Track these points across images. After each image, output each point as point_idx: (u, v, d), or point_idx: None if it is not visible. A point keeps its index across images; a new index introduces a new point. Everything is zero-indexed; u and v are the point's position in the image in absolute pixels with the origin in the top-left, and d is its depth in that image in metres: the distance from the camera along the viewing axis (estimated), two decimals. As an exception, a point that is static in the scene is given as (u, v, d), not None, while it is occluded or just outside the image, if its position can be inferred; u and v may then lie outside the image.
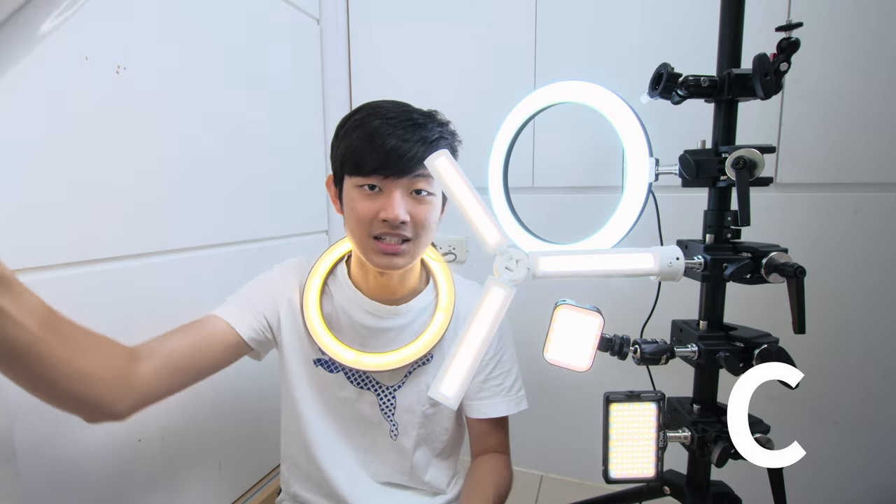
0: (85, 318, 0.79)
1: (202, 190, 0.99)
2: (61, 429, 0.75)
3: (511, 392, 0.84)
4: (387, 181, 0.69)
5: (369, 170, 0.68)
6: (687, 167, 0.61)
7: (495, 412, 0.82)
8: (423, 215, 0.72)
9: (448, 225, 0.82)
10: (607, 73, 1.16)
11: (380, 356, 0.78)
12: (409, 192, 0.71)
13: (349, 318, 0.80)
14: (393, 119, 0.69)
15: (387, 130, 0.68)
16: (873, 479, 1.07)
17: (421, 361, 0.81)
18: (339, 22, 1.40)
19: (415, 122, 0.70)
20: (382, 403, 0.81)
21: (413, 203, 0.71)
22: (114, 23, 0.80)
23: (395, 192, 0.69)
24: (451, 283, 0.84)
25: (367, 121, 0.70)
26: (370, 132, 0.68)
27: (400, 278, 0.79)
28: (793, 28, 0.55)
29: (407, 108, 0.73)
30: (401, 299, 0.81)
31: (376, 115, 0.70)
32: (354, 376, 0.81)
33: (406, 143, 0.68)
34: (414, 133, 0.69)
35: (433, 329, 0.80)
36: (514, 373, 0.85)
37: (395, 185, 0.69)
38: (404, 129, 0.68)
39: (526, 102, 0.71)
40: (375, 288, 0.80)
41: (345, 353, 0.77)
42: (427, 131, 0.70)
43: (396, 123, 0.69)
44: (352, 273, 0.82)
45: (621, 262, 0.61)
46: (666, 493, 0.72)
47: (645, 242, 0.63)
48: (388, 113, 0.70)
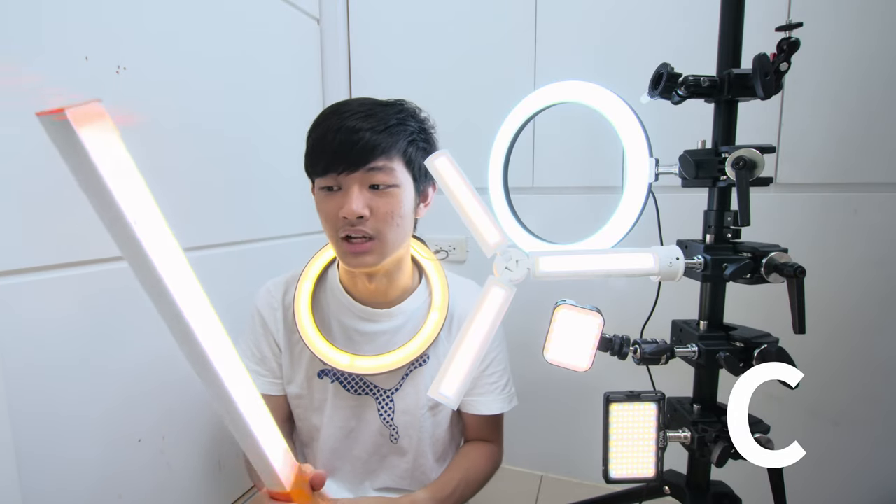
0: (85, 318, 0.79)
1: (202, 190, 0.99)
2: (61, 429, 0.75)
3: (505, 390, 0.84)
4: (342, 178, 0.68)
5: (322, 169, 0.68)
6: (687, 167, 0.61)
7: (488, 409, 0.82)
8: (385, 208, 0.69)
9: (448, 225, 0.82)
10: (607, 73, 1.16)
11: (375, 359, 0.77)
12: (366, 186, 0.69)
13: (341, 324, 0.80)
14: (346, 113, 0.68)
15: (335, 128, 0.66)
16: (873, 479, 1.07)
17: (417, 363, 0.80)
18: (339, 22, 1.40)
19: (367, 112, 0.68)
20: (381, 408, 0.81)
21: (372, 197, 0.69)
22: (114, 23, 0.80)
23: (352, 188, 0.68)
24: (444, 281, 0.82)
25: (324, 120, 0.69)
26: (324, 131, 0.67)
27: (389, 279, 0.78)
28: (793, 28, 0.55)
29: (367, 101, 0.71)
30: (393, 301, 0.80)
31: (334, 113, 0.69)
32: (352, 383, 0.80)
33: (355, 135, 0.66)
34: (366, 122, 0.66)
35: (427, 329, 0.78)
36: (507, 373, 0.86)
37: (351, 181, 0.68)
38: (355, 120, 0.66)
39: (526, 102, 0.71)
40: (365, 291, 0.78)
41: (339, 358, 0.77)
42: (375, 121, 0.68)
43: (348, 117, 0.67)
44: (341, 277, 0.81)
45: (621, 262, 0.61)
46: (666, 493, 0.72)
47: (645, 242, 0.62)
48: (343, 108, 0.69)
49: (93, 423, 0.80)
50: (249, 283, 0.89)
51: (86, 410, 0.79)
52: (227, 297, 0.83)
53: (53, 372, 0.74)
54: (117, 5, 0.80)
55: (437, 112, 0.78)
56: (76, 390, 0.77)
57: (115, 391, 0.83)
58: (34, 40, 0.69)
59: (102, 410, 0.81)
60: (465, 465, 0.82)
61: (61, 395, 0.75)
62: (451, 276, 0.86)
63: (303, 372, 0.81)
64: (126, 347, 0.84)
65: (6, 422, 0.67)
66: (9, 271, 0.68)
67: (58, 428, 0.75)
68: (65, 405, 0.76)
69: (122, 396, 0.84)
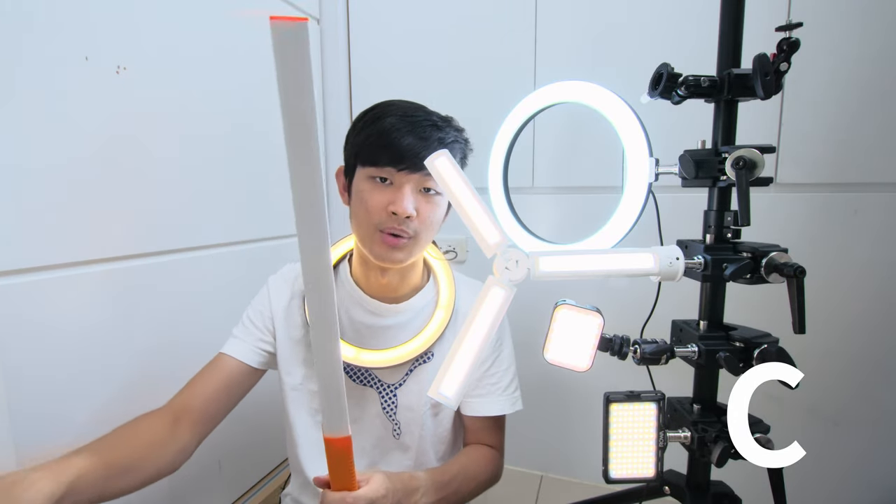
0: (86, 318, 0.79)
1: (202, 190, 0.99)
2: (61, 429, 0.75)
3: (507, 392, 0.83)
4: (399, 175, 0.70)
5: (384, 162, 0.70)
6: (687, 167, 0.61)
7: (489, 411, 0.82)
8: (429, 213, 0.73)
9: (448, 225, 0.82)
10: (607, 73, 1.16)
11: (380, 352, 0.78)
12: (418, 188, 0.72)
13: (349, 316, 0.81)
14: (412, 117, 0.71)
15: (406, 127, 0.69)
16: (873, 479, 1.07)
17: (422, 360, 0.81)
18: (339, 22, 1.40)
19: (433, 123, 0.72)
20: (384, 402, 0.81)
21: (421, 200, 0.72)
22: (114, 23, 0.80)
23: (406, 187, 0.70)
24: (451, 280, 0.84)
25: (386, 115, 0.71)
26: (389, 126, 0.70)
27: (401, 276, 0.79)
28: (793, 28, 0.55)
29: (426, 109, 0.75)
30: (402, 297, 0.81)
31: (396, 111, 0.72)
32: (356, 374, 0.81)
33: (422, 142, 0.69)
34: (431, 133, 0.70)
35: (433, 326, 0.80)
36: (511, 373, 0.85)
37: (407, 180, 0.70)
38: (423, 128, 0.70)
39: (526, 102, 0.71)
40: (377, 286, 0.80)
41: (346, 350, 0.78)
42: (443, 133, 0.72)
43: (415, 122, 0.70)
44: (353, 271, 0.82)
45: (621, 262, 0.61)
46: (666, 493, 0.72)
47: (645, 242, 0.62)
48: (408, 111, 0.72)
49: (93, 423, 0.80)
50: (247, 283, 0.89)
51: (86, 410, 0.79)
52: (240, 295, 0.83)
53: (53, 372, 0.74)
54: (117, 5, 0.80)
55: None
56: (76, 390, 0.77)
57: (114, 391, 0.83)
58: (34, 40, 0.69)
59: (102, 411, 0.81)
60: (464, 461, 0.82)
61: (61, 396, 0.75)
62: (459, 276, 0.87)
63: (299, 361, 0.81)
64: (126, 347, 0.84)
65: (6, 422, 0.67)
66: (9, 271, 0.68)
67: (58, 428, 0.75)
68: (65, 405, 0.76)
69: (122, 397, 0.84)
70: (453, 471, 0.79)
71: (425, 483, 0.73)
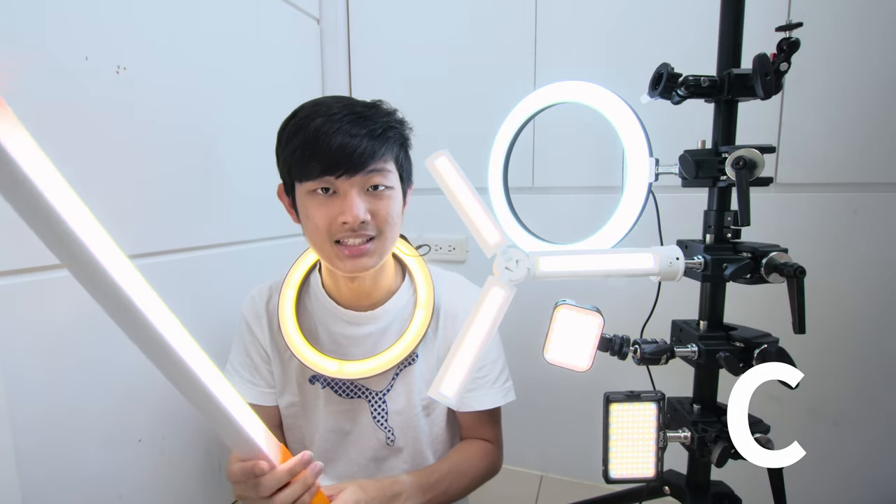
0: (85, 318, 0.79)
1: (201, 190, 0.99)
2: (61, 430, 0.75)
3: (497, 383, 0.81)
4: (339, 182, 0.66)
5: (318, 172, 0.65)
6: (687, 167, 0.61)
7: (481, 405, 0.80)
8: (385, 210, 0.69)
9: (448, 225, 0.82)
10: (607, 73, 1.16)
11: (363, 362, 0.76)
12: (365, 188, 0.68)
13: (326, 329, 0.79)
14: (335, 115, 0.66)
15: (331, 128, 0.65)
16: (873, 479, 1.07)
17: (406, 362, 0.79)
18: (339, 22, 1.40)
19: (359, 114, 0.67)
20: (374, 411, 0.80)
21: (371, 200, 0.68)
22: (114, 23, 0.80)
23: (352, 192, 0.66)
24: (428, 277, 0.81)
25: (308, 121, 0.66)
26: (314, 132, 0.65)
27: (373, 280, 0.77)
28: (793, 28, 0.55)
29: (348, 101, 0.70)
30: (377, 302, 0.79)
31: (317, 113, 0.67)
32: (343, 388, 0.79)
33: (354, 139, 0.64)
34: (360, 127, 0.66)
35: (414, 328, 0.77)
36: (500, 364, 0.83)
37: (350, 185, 0.66)
38: (349, 123, 0.65)
39: (526, 102, 0.71)
40: (349, 294, 0.77)
41: (328, 364, 0.76)
42: (372, 123, 0.67)
43: (340, 119, 0.65)
44: (324, 281, 0.79)
45: (621, 262, 0.61)
46: (666, 493, 0.72)
47: (645, 242, 0.62)
48: (330, 109, 0.67)
49: (93, 423, 0.80)
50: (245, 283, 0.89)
51: (86, 411, 0.79)
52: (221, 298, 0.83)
53: (53, 373, 0.74)
54: (117, 5, 0.80)
55: (437, 112, 0.78)
56: (76, 391, 0.77)
57: (115, 391, 0.83)
58: (34, 40, 0.69)
59: (102, 411, 0.81)
60: (456, 458, 0.81)
61: (61, 396, 0.75)
62: (436, 271, 0.84)
63: (294, 379, 0.80)
64: (126, 348, 0.83)
65: (6, 422, 0.67)
66: (9, 271, 0.68)
67: (58, 429, 0.75)
68: (64, 406, 0.76)
69: (123, 397, 0.84)
70: (443, 470, 0.77)
71: (409, 486, 0.71)
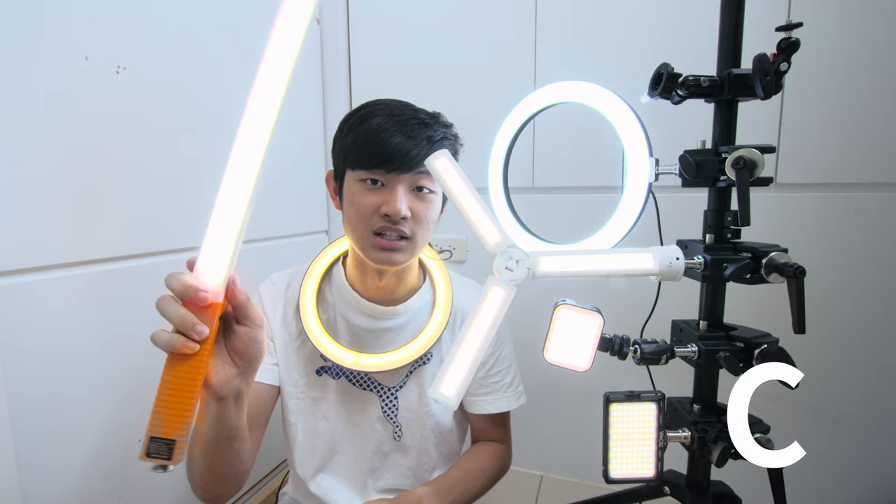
0: (85, 318, 0.79)
1: (201, 190, 0.99)
2: (61, 429, 0.75)
3: (510, 388, 0.85)
4: (390, 176, 0.69)
5: (373, 164, 0.69)
6: (687, 167, 0.61)
7: (495, 408, 0.84)
8: (424, 212, 0.72)
9: (448, 225, 0.82)
10: (607, 73, 1.16)
11: (379, 356, 0.78)
12: (411, 188, 0.71)
13: (346, 321, 0.80)
14: (399, 116, 0.70)
15: (393, 127, 0.68)
16: (873, 479, 1.07)
17: (421, 361, 0.81)
18: (339, 22, 1.40)
19: (421, 121, 0.71)
20: (385, 405, 0.81)
21: (414, 199, 0.71)
22: (114, 23, 0.80)
23: (398, 188, 0.69)
24: (447, 280, 0.83)
25: (372, 116, 0.70)
26: (376, 127, 0.69)
27: (398, 278, 0.79)
28: (793, 28, 0.55)
29: (413, 107, 0.74)
30: (398, 299, 0.81)
31: (382, 111, 0.71)
32: (356, 378, 0.81)
33: (411, 141, 0.68)
34: (419, 131, 0.69)
35: (431, 328, 0.79)
36: (513, 370, 0.86)
37: (399, 181, 0.69)
38: (410, 126, 0.69)
39: (526, 102, 0.71)
40: (373, 288, 0.79)
41: (345, 356, 0.77)
42: (432, 131, 0.71)
43: (402, 121, 0.69)
44: (348, 274, 0.81)
45: (621, 262, 0.61)
46: (666, 493, 0.72)
47: (645, 242, 0.62)
48: (395, 110, 0.71)
49: (93, 423, 0.80)
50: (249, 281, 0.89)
51: (85, 411, 0.79)
52: None
53: (53, 373, 0.74)
54: (117, 5, 0.80)
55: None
56: (76, 391, 0.77)
57: (114, 391, 0.83)
58: (35, 40, 0.69)
59: (102, 411, 0.81)
60: (467, 462, 0.84)
61: (61, 396, 0.75)
62: (454, 276, 0.86)
63: (300, 369, 0.81)
64: (126, 348, 0.84)
65: (6, 422, 0.67)
66: (9, 271, 0.68)
67: (58, 428, 0.75)
68: (64, 406, 0.76)
69: (122, 397, 0.84)
70: (456, 475, 0.80)
71: (426, 495, 0.73)
